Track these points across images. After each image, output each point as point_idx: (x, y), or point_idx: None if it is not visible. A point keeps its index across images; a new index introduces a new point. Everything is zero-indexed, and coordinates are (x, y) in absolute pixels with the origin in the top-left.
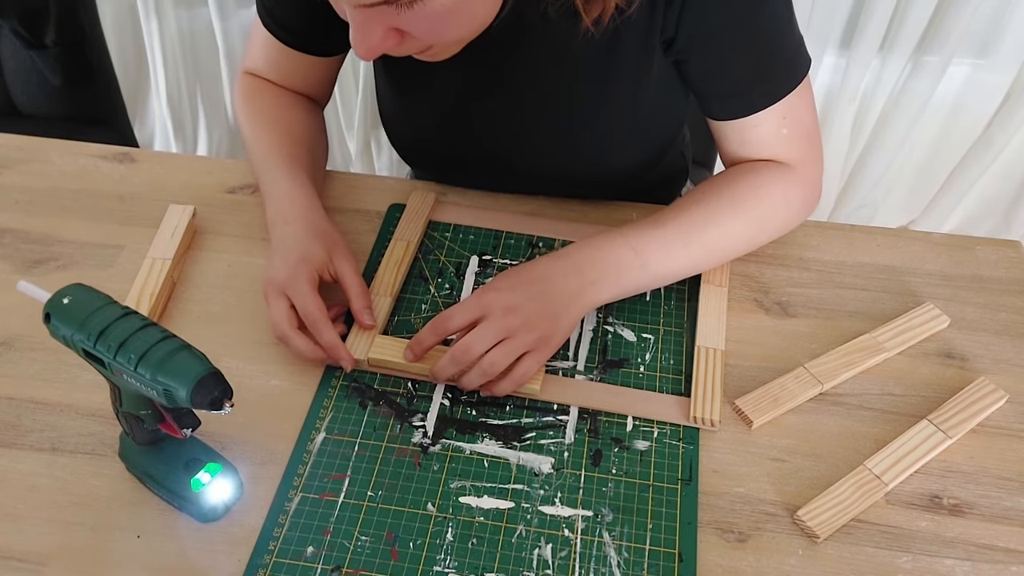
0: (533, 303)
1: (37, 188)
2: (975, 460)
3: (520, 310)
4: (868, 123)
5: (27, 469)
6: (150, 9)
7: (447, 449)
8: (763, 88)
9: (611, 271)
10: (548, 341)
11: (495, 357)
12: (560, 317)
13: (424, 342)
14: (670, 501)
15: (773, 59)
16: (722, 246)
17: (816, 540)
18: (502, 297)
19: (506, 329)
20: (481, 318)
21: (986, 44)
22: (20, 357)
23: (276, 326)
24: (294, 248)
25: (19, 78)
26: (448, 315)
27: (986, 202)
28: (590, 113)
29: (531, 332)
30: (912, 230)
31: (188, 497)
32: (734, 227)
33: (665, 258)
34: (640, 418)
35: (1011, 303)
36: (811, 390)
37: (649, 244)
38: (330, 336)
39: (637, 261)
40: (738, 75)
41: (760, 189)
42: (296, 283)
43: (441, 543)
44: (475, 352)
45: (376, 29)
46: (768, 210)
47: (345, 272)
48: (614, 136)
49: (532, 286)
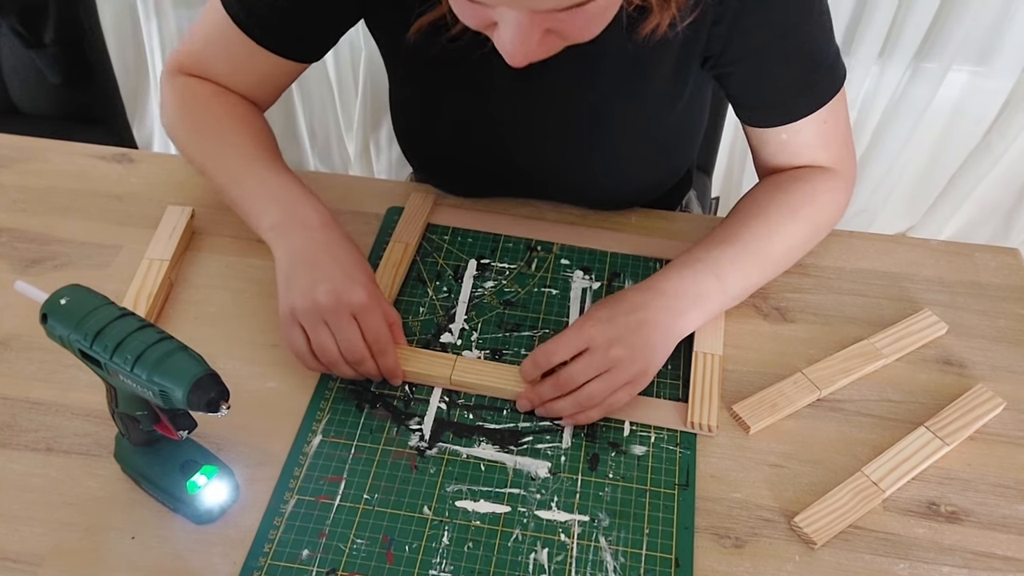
0: (635, 335)
1: (35, 187)
2: (973, 467)
3: (624, 342)
4: (868, 129)
5: (22, 469)
6: (150, 9)
7: (444, 452)
8: (807, 96)
9: (699, 301)
10: (645, 374)
11: (594, 389)
12: (657, 350)
13: (529, 376)
14: (667, 506)
15: (816, 68)
16: (786, 257)
17: (813, 546)
18: (605, 329)
19: (611, 361)
20: (585, 350)
21: (985, 51)
22: (16, 357)
23: (323, 352)
24: (333, 262)
25: (18, 77)
26: (551, 350)
27: (985, 208)
28: (620, 126)
29: (633, 364)
30: (911, 236)
31: (183, 499)
32: (796, 236)
33: (741, 278)
34: (637, 423)
35: (1009, 310)
36: (809, 396)
37: (726, 267)
38: (394, 360)
39: (718, 286)
40: (783, 84)
41: (815, 196)
42: (357, 300)
43: (437, 547)
44: (578, 382)
45: (535, 34)
46: (824, 216)
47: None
48: (638, 151)
49: (630, 316)
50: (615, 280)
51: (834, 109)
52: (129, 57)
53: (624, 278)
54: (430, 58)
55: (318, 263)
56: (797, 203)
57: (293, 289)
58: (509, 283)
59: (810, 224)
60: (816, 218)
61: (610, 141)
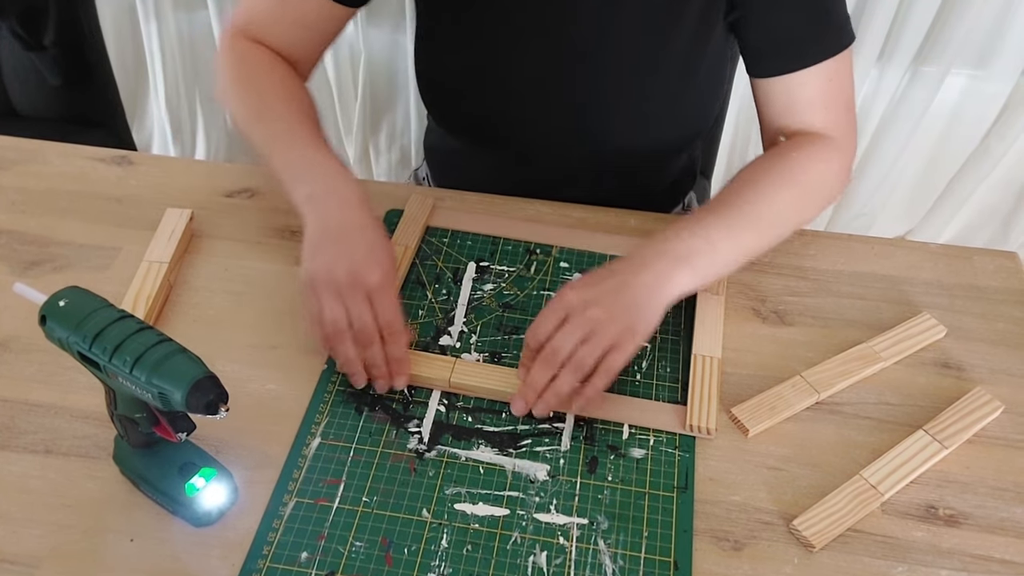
0: (612, 295)
1: (34, 189)
2: (971, 470)
3: (601, 302)
4: (866, 132)
5: (20, 471)
6: (149, 11)
7: (443, 455)
8: (814, 45)
9: (683, 259)
10: (633, 332)
11: (583, 353)
12: (642, 308)
13: (526, 361)
14: (666, 509)
15: (827, 20)
16: (780, 222)
17: (812, 549)
18: (581, 293)
19: (590, 322)
20: (566, 319)
21: (984, 54)
22: (15, 359)
23: (333, 324)
24: (361, 240)
25: (18, 79)
26: (535, 325)
27: (984, 212)
28: (648, 72)
29: (614, 323)
30: (909, 240)
31: (182, 501)
32: (787, 202)
33: (732, 241)
34: (636, 426)
35: (1008, 313)
36: (807, 399)
37: (714, 229)
38: (403, 351)
39: (707, 246)
40: (794, 28)
41: (807, 162)
42: (373, 280)
43: (436, 549)
44: (564, 351)
45: None
46: (817, 184)
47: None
48: (661, 102)
49: (608, 280)
50: None
51: (839, 70)
52: (129, 59)
53: None
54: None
55: (345, 238)
56: (790, 171)
57: (316, 259)
58: (508, 286)
59: (802, 191)
60: (809, 186)
61: (642, 83)
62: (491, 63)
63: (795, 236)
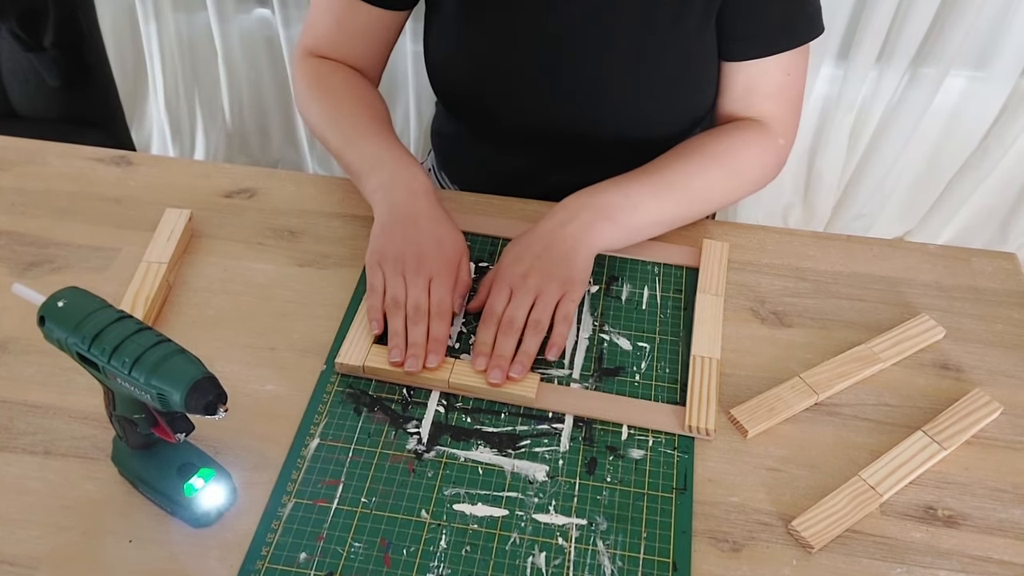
0: (542, 260)
1: (33, 190)
2: (970, 472)
3: (534, 271)
4: (865, 134)
5: (19, 472)
6: (149, 12)
7: (441, 456)
8: (786, 33)
9: (605, 212)
10: (572, 282)
11: (536, 314)
12: (571, 259)
13: (488, 342)
14: (664, 510)
15: (800, 10)
16: (704, 196)
17: (810, 551)
18: (516, 269)
19: (534, 288)
20: (511, 294)
21: (983, 56)
22: (14, 360)
23: (392, 298)
24: (431, 231)
25: (17, 80)
26: (491, 304)
27: (982, 213)
28: (653, 56)
29: (553, 280)
30: (908, 241)
31: (181, 502)
32: (715, 179)
33: (656, 202)
34: (635, 427)
35: (1006, 315)
36: (806, 400)
37: (638, 189)
38: (445, 330)
39: (629, 203)
40: (770, 17)
41: (742, 147)
42: (436, 270)
43: (435, 550)
44: (519, 319)
45: None
46: (746, 167)
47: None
48: (658, 86)
49: (536, 244)
50: (613, 283)
51: (798, 64)
52: (128, 60)
53: (622, 281)
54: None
55: (417, 224)
56: (723, 152)
57: (387, 238)
58: None
59: (730, 173)
60: (738, 169)
61: (641, 67)
62: (491, 51)
63: (795, 237)
